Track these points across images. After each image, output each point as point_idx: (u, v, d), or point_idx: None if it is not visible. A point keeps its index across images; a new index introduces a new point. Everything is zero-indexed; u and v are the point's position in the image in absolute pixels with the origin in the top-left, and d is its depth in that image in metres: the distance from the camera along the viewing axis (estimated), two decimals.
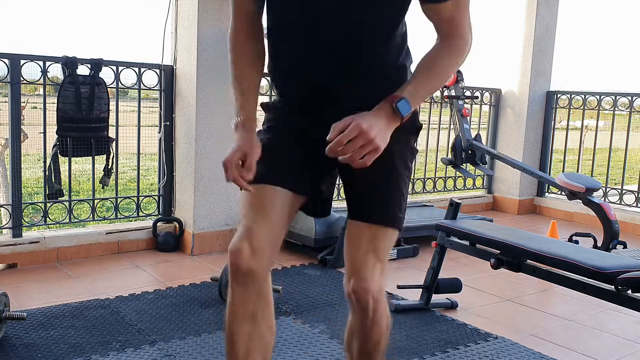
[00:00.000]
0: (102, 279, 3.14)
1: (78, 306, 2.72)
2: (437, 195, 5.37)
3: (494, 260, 2.46)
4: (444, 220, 2.83)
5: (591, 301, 2.76)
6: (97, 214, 3.66)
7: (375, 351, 1.65)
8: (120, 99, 3.63)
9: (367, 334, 1.61)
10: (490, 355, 2.41)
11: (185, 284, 3.09)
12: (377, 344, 1.64)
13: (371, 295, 1.50)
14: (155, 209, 3.86)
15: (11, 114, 3.24)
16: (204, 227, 3.66)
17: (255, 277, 1.45)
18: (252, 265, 1.43)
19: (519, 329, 2.73)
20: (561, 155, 5.82)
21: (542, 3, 5.30)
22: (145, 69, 3.63)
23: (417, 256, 3.85)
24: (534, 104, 5.40)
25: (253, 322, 1.47)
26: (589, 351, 2.53)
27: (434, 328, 2.66)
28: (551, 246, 2.36)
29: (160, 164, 3.82)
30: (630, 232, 4.78)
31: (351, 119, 1.31)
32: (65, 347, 2.29)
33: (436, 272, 2.84)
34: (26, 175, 6.54)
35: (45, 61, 3.30)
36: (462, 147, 4.61)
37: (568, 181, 3.96)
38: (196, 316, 2.66)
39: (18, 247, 3.27)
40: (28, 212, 3.53)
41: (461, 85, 4.76)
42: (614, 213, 3.81)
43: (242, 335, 1.46)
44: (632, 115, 5.04)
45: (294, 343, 2.42)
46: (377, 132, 1.31)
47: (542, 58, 5.39)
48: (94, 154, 3.46)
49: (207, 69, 3.54)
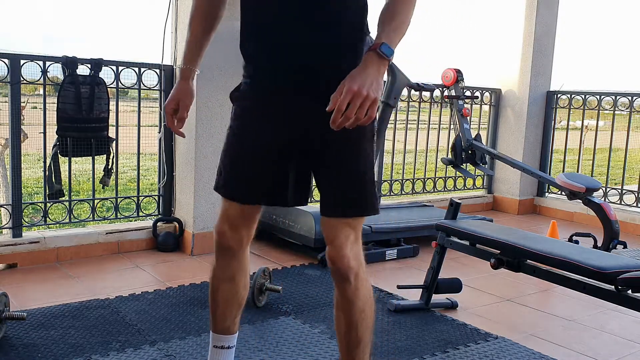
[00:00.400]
0: (102, 279, 3.14)
1: (78, 306, 2.72)
2: (437, 195, 5.37)
3: (494, 260, 2.46)
4: (444, 220, 2.83)
5: (591, 301, 2.76)
6: (97, 214, 3.66)
7: (361, 322, 1.70)
8: (120, 99, 3.63)
9: (351, 301, 1.67)
10: (490, 355, 2.41)
11: (185, 284, 3.09)
12: (362, 313, 1.69)
13: (347, 261, 1.62)
14: (155, 209, 3.86)
15: (11, 114, 3.24)
16: (204, 227, 3.66)
17: (234, 251, 1.78)
18: (230, 242, 1.75)
19: (519, 329, 2.73)
20: (561, 155, 5.82)
21: (542, 3, 5.30)
22: (145, 69, 3.63)
23: (417, 256, 3.85)
24: (534, 104, 5.40)
25: (231, 282, 1.82)
26: (589, 351, 2.53)
27: (434, 328, 2.66)
28: (551, 246, 2.36)
29: (160, 164, 3.82)
30: (630, 232, 4.78)
31: (342, 84, 1.39)
32: (65, 347, 2.29)
33: (436, 272, 2.84)
34: (26, 175, 6.54)
35: (45, 61, 3.30)
36: (462, 147, 4.61)
37: (568, 181, 3.96)
38: (196, 316, 2.66)
39: (18, 247, 3.27)
40: (28, 212, 3.53)
41: (461, 85, 4.76)
42: (614, 213, 3.81)
43: (223, 290, 1.82)
44: (632, 115, 5.04)
45: (294, 343, 2.42)
46: (369, 86, 1.38)
47: (542, 58, 5.40)
48: (94, 154, 3.46)
49: (207, 68, 3.53)
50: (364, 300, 1.69)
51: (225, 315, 1.84)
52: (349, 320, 1.70)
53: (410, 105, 5.16)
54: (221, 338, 1.86)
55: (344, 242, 1.62)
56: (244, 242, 1.78)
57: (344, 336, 1.73)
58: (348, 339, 1.72)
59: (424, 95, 5.05)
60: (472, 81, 5.17)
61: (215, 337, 1.87)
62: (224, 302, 1.83)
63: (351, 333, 1.71)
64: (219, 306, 1.83)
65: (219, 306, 1.83)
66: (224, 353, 1.86)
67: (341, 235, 1.62)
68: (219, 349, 1.87)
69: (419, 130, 5.29)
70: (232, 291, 1.82)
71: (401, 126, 5.03)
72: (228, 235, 1.75)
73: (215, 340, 1.87)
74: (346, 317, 1.70)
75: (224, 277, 1.81)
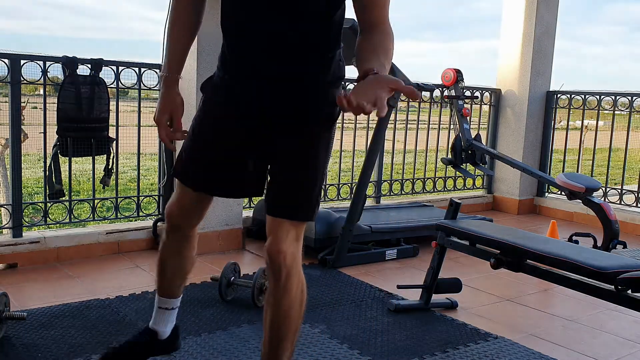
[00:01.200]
0: (102, 279, 3.14)
1: (78, 306, 2.72)
2: (437, 195, 5.37)
3: (494, 260, 2.46)
4: (444, 220, 2.83)
5: (591, 301, 2.77)
6: (97, 214, 3.66)
7: (285, 324, 1.71)
8: (120, 99, 3.63)
9: (278, 300, 1.69)
10: (490, 355, 2.41)
11: (185, 283, 3.08)
12: (287, 315, 1.71)
13: (283, 257, 1.63)
14: (155, 209, 3.86)
15: (11, 114, 3.24)
16: (203, 227, 3.66)
17: (180, 229, 1.86)
18: (179, 221, 1.84)
19: (519, 329, 2.73)
20: (561, 155, 5.81)
21: (542, 3, 5.30)
22: (145, 69, 3.63)
23: (417, 256, 3.85)
24: (534, 104, 5.40)
25: (179, 256, 1.92)
26: (589, 351, 2.53)
27: (433, 328, 2.66)
28: (551, 246, 2.36)
29: (161, 164, 3.82)
30: (630, 232, 4.78)
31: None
32: (65, 347, 2.29)
33: (436, 272, 2.84)
34: (26, 175, 6.55)
35: (46, 61, 3.30)
36: (462, 147, 4.61)
37: (568, 181, 3.96)
38: (196, 316, 2.66)
39: (18, 247, 3.27)
40: (28, 212, 3.53)
41: (461, 85, 4.76)
42: (614, 213, 3.81)
43: (171, 263, 1.92)
44: (632, 115, 5.04)
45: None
46: (363, 93, 1.24)
47: (542, 58, 5.39)
48: (94, 154, 3.46)
49: (207, 69, 3.53)
50: (291, 300, 1.70)
51: (171, 283, 1.96)
52: (273, 317, 1.72)
53: (410, 105, 5.17)
54: (166, 301, 1.98)
55: (284, 238, 1.64)
56: (194, 224, 1.88)
57: (267, 332, 1.75)
58: (270, 337, 1.75)
59: (424, 95, 5.05)
60: (472, 81, 5.19)
61: (160, 300, 1.98)
62: (171, 273, 1.94)
63: (273, 331, 1.73)
64: (165, 275, 1.94)
65: (166, 275, 1.94)
66: (167, 313, 1.99)
67: (282, 231, 1.64)
68: (163, 309, 1.99)
69: (418, 130, 5.29)
70: (179, 264, 1.93)
71: (401, 126, 5.03)
72: (179, 218, 1.84)
73: (161, 302, 1.99)
74: (272, 313, 1.72)
75: (172, 252, 1.91)
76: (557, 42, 5.51)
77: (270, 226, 1.66)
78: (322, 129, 1.67)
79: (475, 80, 6.05)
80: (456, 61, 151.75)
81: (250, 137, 1.69)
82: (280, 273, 1.65)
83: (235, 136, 1.69)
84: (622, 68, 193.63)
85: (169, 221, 1.86)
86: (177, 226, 1.86)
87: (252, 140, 1.69)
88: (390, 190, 4.97)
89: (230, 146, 1.71)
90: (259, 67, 1.64)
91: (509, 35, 5.47)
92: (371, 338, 2.52)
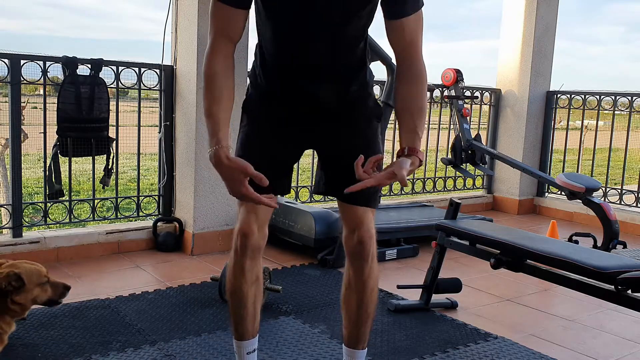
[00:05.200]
0: (102, 279, 3.14)
1: (78, 306, 2.72)
2: (437, 195, 5.37)
3: (494, 260, 2.46)
4: (444, 220, 2.83)
5: (591, 301, 2.77)
6: (97, 214, 3.66)
7: (371, 301, 1.85)
8: (120, 99, 3.63)
9: (365, 281, 1.80)
10: (490, 355, 2.41)
11: (185, 284, 3.09)
12: (372, 293, 1.84)
13: (373, 241, 1.77)
14: (155, 209, 3.86)
15: (11, 114, 3.24)
16: (204, 227, 3.66)
17: (260, 250, 1.77)
18: (260, 241, 1.75)
19: (519, 329, 2.73)
20: (561, 155, 5.82)
21: (542, 3, 5.30)
22: (145, 69, 3.63)
23: (417, 256, 3.85)
24: (533, 104, 5.40)
25: (257, 282, 1.80)
26: (589, 351, 2.53)
27: (433, 328, 2.66)
28: (551, 246, 2.36)
29: (160, 164, 3.82)
30: (630, 232, 4.78)
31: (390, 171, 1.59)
32: (65, 347, 2.29)
33: (436, 272, 2.84)
34: (26, 175, 6.54)
35: (46, 61, 3.30)
36: (462, 147, 4.61)
37: (568, 181, 3.96)
38: (196, 316, 2.66)
39: (18, 247, 3.27)
40: (28, 212, 3.54)
41: (461, 85, 4.76)
42: (614, 213, 3.81)
43: (252, 294, 1.78)
44: (632, 115, 5.04)
45: (294, 343, 2.43)
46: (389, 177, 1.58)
47: (542, 58, 5.39)
48: (94, 154, 3.46)
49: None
50: (374, 280, 1.83)
51: (256, 317, 1.82)
52: (360, 299, 1.82)
53: None
54: (252, 342, 1.84)
55: (370, 224, 1.77)
56: (266, 238, 1.80)
57: (355, 314, 1.84)
58: (358, 316, 1.84)
59: None
60: (472, 81, 5.20)
61: (248, 344, 1.83)
62: (253, 305, 1.79)
63: (361, 310, 1.83)
64: (249, 311, 1.79)
65: (249, 311, 1.79)
66: (254, 356, 1.86)
67: (367, 218, 1.76)
68: (252, 353, 1.85)
69: None
70: (259, 290, 1.81)
71: None
72: (256, 234, 1.73)
73: (249, 346, 1.83)
74: (358, 296, 1.82)
75: (251, 280, 1.76)
76: (557, 42, 5.52)
77: (352, 215, 1.76)
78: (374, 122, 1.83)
79: (475, 80, 6.11)
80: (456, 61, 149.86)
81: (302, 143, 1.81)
82: (369, 256, 1.77)
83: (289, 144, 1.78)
84: (622, 68, 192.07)
85: (247, 246, 1.72)
86: (257, 247, 1.74)
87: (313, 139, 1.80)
88: (391, 190, 4.97)
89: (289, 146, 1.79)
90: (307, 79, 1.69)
91: (509, 35, 5.47)
92: (371, 338, 2.51)
